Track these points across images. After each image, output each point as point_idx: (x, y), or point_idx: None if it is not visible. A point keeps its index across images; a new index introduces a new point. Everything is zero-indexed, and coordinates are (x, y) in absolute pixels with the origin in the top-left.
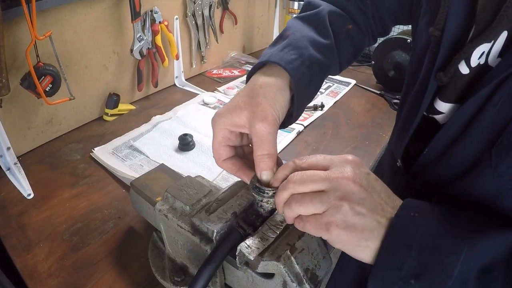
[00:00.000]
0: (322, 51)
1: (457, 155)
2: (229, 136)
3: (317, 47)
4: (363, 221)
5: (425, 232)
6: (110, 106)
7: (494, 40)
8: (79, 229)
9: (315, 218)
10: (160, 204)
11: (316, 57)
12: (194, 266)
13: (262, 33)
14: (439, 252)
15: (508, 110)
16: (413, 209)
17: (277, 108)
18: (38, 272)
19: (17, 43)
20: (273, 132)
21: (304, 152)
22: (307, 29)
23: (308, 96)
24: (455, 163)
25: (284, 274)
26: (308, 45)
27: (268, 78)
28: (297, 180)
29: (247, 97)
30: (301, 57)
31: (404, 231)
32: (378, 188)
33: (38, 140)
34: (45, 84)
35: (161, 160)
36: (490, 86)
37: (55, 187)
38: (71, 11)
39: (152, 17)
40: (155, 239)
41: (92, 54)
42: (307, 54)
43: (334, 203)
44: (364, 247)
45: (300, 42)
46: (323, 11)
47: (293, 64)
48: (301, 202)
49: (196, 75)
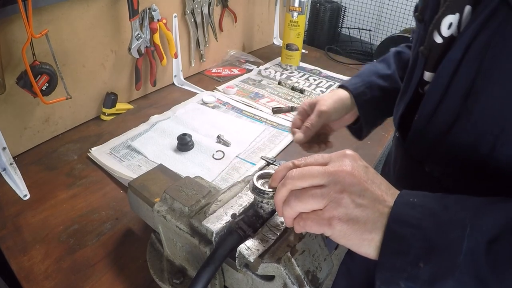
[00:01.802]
0: (383, 78)
1: (441, 114)
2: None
3: (379, 76)
4: (365, 213)
5: (426, 213)
6: (108, 106)
7: (460, 13)
8: (76, 231)
9: (316, 214)
10: (158, 205)
11: (376, 82)
12: (193, 268)
13: (262, 31)
14: (443, 229)
15: (474, 66)
16: (411, 195)
17: (333, 106)
18: (34, 274)
19: (13, 41)
20: (321, 114)
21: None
22: (376, 65)
23: (374, 113)
24: (440, 123)
25: (285, 276)
26: (371, 75)
27: (338, 90)
28: (296, 176)
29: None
30: (362, 81)
31: (405, 215)
32: (378, 180)
33: (34, 140)
34: (41, 83)
35: (160, 161)
36: (457, 50)
37: (52, 188)
38: (68, 8)
39: (150, 15)
40: (154, 240)
41: (89, 52)
42: (367, 80)
43: (335, 197)
44: (369, 240)
45: (365, 73)
46: (392, 51)
47: (354, 85)
48: (301, 197)
49: (195, 74)
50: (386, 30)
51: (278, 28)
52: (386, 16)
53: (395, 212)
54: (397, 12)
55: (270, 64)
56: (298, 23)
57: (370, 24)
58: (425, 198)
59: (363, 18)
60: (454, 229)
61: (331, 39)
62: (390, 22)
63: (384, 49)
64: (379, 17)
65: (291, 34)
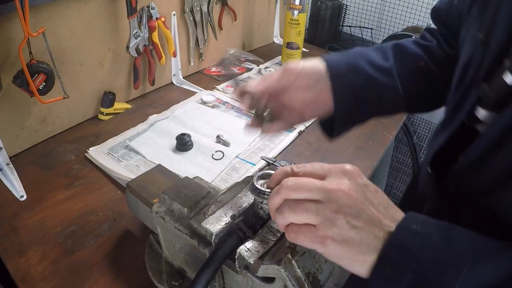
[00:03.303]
0: (375, 68)
1: (492, 166)
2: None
3: (369, 63)
4: (360, 235)
5: (427, 244)
6: (106, 105)
7: None
8: (74, 232)
9: (309, 230)
10: (157, 206)
11: (363, 67)
12: (192, 270)
13: (262, 30)
14: (439, 267)
15: None
16: (415, 222)
17: (303, 67)
18: (31, 276)
19: (10, 40)
20: (285, 72)
21: (306, 152)
22: (367, 50)
23: (353, 106)
24: (489, 175)
25: (285, 278)
26: (358, 57)
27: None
28: (291, 186)
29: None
30: (346, 62)
31: (404, 242)
32: (376, 200)
33: (31, 140)
34: (38, 82)
35: (158, 161)
36: None
37: (49, 189)
38: (65, 7)
39: (148, 13)
40: (152, 242)
41: (87, 51)
42: (353, 61)
43: (330, 216)
44: (361, 261)
45: (351, 54)
46: (390, 43)
47: (333, 62)
48: (295, 209)
49: (194, 73)
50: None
51: (278, 27)
52: (388, 14)
53: (395, 237)
54: (400, 10)
55: (270, 63)
56: (298, 21)
57: (372, 22)
58: (429, 227)
59: (364, 16)
60: (450, 270)
61: (332, 38)
62: (392, 20)
63: None
64: (381, 15)
65: (291, 33)
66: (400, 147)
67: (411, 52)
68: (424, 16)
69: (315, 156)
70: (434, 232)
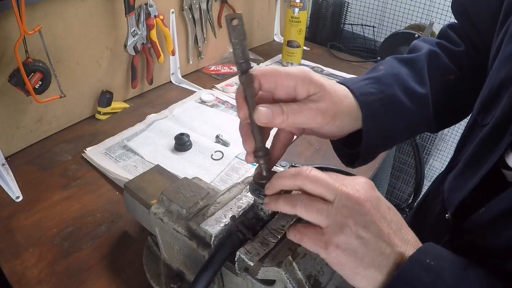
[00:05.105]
0: (410, 95)
1: None
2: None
3: (404, 88)
4: (365, 247)
5: (437, 283)
6: (103, 104)
7: None
8: (70, 233)
9: (315, 234)
10: (155, 207)
11: (398, 96)
12: (191, 273)
13: (262, 28)
14: None
15: None
16: (429, 256)
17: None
18: (27, 278)
19: (5, 38)
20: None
21: (306, 153)
22: (400, 68)
23: (381, 137)
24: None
25: (286, 280)
26: (394, 82)
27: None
28: (310, 177)
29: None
30: (381, 94)
31: (414, 279)
32: (389, 217)
33: (27, 140)
34: (34, 81)
35: (156, 161)
36: None
37: (45, 189)
38: (62, 4)
39: (147, 10)
40: (150, 243)
41: (83, 49)
42: (388, 92)
43: (339, 221)
44: (361, 275)
45: (387, 77)
46: (425, 50)
47: (367, 98)
48: (308, 207)
49: (193, 72)
50: (390, 26)
51: (279, 25)
52: (390, 12)
53: (405, 268)
54: (402, 8)
55: (270, 61)
56: (299, 19)
57: (374, 20)
58: (444, 263)
59: (366, 14)
60: None
61: (333, 36)
62: (394, 18)
63: (388, 46)
64: (383, 13)
65: (292, 31)
66: (402, 147)
67: (442, 64)
68: (427, 13)
69: (316, 156)
70: (448, 268)
